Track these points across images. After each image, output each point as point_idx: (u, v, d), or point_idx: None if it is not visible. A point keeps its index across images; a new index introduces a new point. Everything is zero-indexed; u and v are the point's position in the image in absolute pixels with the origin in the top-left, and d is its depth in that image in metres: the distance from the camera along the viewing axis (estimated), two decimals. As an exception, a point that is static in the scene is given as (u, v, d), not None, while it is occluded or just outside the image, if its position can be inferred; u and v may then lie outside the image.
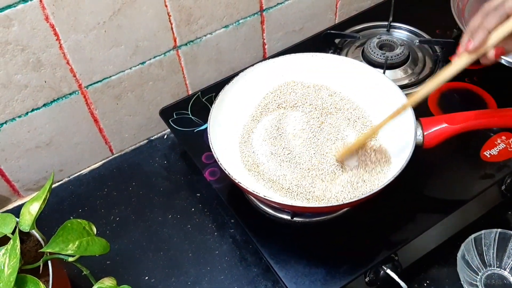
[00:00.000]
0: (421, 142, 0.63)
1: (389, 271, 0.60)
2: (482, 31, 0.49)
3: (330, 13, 0.94)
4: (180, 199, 0.78)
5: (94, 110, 0.76)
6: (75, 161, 0.81)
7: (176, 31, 0.75)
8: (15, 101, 0.68)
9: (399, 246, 0.62)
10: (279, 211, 0.66)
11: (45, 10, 0.62)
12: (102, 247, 0.55)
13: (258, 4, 0.82)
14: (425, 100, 0.76)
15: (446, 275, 0.67)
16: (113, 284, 0.56)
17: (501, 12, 0.49)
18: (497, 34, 0.49)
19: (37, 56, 0.65)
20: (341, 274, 0.60)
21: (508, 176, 0.69)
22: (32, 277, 0.51)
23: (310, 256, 0.62)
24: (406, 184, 0.65)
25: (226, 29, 0.81)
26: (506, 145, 0.70)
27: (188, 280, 0.69)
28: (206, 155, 0.73)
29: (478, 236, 0.67)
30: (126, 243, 0.73)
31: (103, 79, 0.74)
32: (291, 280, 0.60)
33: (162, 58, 0.77)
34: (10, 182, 0.77)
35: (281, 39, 0.90)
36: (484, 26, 0.49)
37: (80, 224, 0.56)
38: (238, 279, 0.68)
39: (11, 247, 0.51)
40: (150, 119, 0.84)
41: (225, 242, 0.72)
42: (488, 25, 0.49)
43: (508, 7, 0.49)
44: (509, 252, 0.67)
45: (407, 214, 0.65)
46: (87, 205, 0.78)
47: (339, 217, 0.66)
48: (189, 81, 0.84)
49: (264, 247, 0.63)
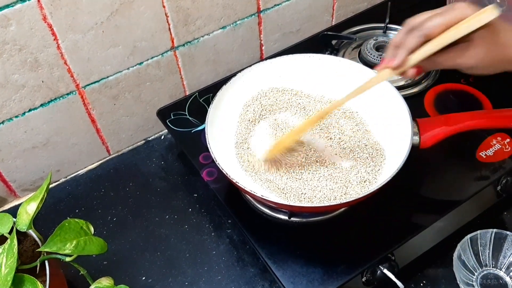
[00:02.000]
0: (417, 142, 0.63)
1: (386, 271, 0.61)
2: (403, 51, 0.53)
3: (327, 15, 0.94)
4: (177, 200, 0.78)
5: (92, 110, 0.76)
6: (72, 161, 0.81)
7: (174, 31, 0.76)
8: (12, 101, 0.68)
9: (396, 246, 0.62)
10: (276, 211, 0.66)
11: (43, 10, 0.62)
12: (99, 247, 0.55)
13: (255, 6, 0.82)
14: (421, 101, 0.78)
15: (443, 275, 0.68)
16: (111, 284, 0.56)
17: (420, 32, 0.52)
18: (416, 56, 0.52)
19: (34, 56, 0.65)
20: (338, 274, 0.60)
21: (503, 176, 0.70)
22: (29, 276, 0.51)
23: (307, 256, 0.62)
24: (402, 185, 0.65)
25: (223, 30, 0.81)
26: (502, 146, 0.71)
27: (185, 280, 0.69)
28: (203, 155, 0.74)
29: (474, 236, 0.67)
30: (123, 243, 0.73)
31: (101, 80, 0.74)
32: (288, 280, 0.60)
33: (159, 58, 0.77)
34: (7, 182, 0.77)
35: (278, 40, 0.91)
36: (405, 46, 0.53)
37: (77, 223, 0.56)
38: (235, 279, 0.68)
39: (9, 247, 0.51)
40: (148, 119, 0.84)
41: (222, 242, 0.72)
42: (409, 45, 0.52)
43: (426, 28, 0.51)
44: (504, 252, 0.67)
45: (404, 214, 0.66)
46: (84, 206, 0.78)
47: (336, 217, 0.66)
48: (187, 82, 0.84)
49: (261, 247, 0.63)
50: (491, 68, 0.54)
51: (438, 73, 0.82)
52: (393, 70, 0.54)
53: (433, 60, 0.53)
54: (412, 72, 0.54)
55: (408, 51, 0.53)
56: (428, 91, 0.79)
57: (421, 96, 0.79)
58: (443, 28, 0.51)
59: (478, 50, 0.52)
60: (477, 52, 0.52)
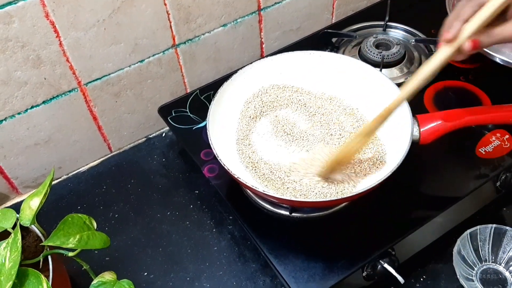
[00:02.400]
0: (417, 138, 0.63)
1: (386, 265, 0.61)
2: (457, 22, 0.51)
3: (327, 13, 0.95)
4: (178, 196, 0.78)
5: (93, 107, 0.77)
6: (74, 158, 0.81)
7: (175, 29, 0.76)
8: (14, 98, 0.68)
9: (396, 241, 0.63)
10: (277, 207, 0.67)
11: (45, 7, 0.62)
12: (102, 241, 0.56)
13: (256, 4, 0.82)
14: (420, 98, 0.78)
15: (443, 270, 0.68)
16: (113, 278, 0.57)
17: (475, 2, 0.50)
18: (471, 24, 0.50)
19: (37, 53, 0.65)
20: (339, 268, 0.61)
21: (503, 172, 0.70)
22: (33, 270, 0.52)
23: (308, 251, 0.63)
24: (402, 180, 0.66)
25: (224, 28, 0.82)
26: (501, 142, 0.71)
27: (187, 276, 0.69)
28: (204, 152, 0.74)
29: (474, 232, 0.67)
30: (125, 239, 0.74)
31: (103, 77, 0.74)
32: (289, 274, 0.61)
33: (161, 56, 0.78)
34: (9, 179, 0.77)
35: (279, 38, 0.91)
36: (459, 16, 0.51)
37: (80, 218, 0.56)
38: (237, 274, 0.69)
39: (12, 241, 0.51)
40: (149, 117, 0.85)
41: (224, 238, 0.73)
42: (463, 15, 0.51)
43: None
44: (504, 247, 0.68)
45: (404, 209, 0.66)
46: (85, 202, 0.79)
47: (337, 213, 0.66)
48: (188, 79, 0.85)
49: (262, 242, 0.64)
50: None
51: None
52: (449, 43, 0.51)
53: (490, 32, 0.51)
54: (468, 46, 0.50)
55: (463, 20, 0.50)
56: (427, 88, 0.80)
57: (421, 93, 0.79)
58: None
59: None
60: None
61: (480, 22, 0.50)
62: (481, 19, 0.50)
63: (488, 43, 0.51)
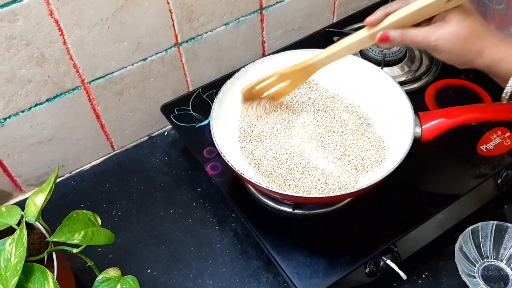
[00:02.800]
0: (419, 135, 0.64)
1: (389, 262, 0.62)
2: (381, 10, 0.55)
3: (328, 12, 0.95)
4: (181, 194, 0.79)
5: (96, 106, 0.77)
6: (77, 156, 0.82)
7: (178, 28, 0.77)
8: (18, 96, 0.68)
9: (398, 237, 0.63)
10: (280, 204, 0.67)
11: (49, 6, 0.63)
12: (107, 237, 0.56)
13: (258, 3, 0.83)
14: (421, 96, 0.79)
15: (445, 266, 0.69)
16: (118, 274, 0.57)
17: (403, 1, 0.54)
18: (392, 16, 0.54)
19: (41, 51, 0.66)
20: (341, 265, 0.61)
21: (504, 170, 0.71)
22: (39, 265, 0.52)
23: (311, 248, 0.63)
24: (405, 177, 0.67)
25: (226, 26, 0.82)
26: (502, 139, 0.72)
27: (190, 273, 0.70)
28: (207, 149, 0.74)
29: (475, 228, 0.68)
30: (128, 237, 0.74)
31: (106, 75, 0.75)
32: (293, 270, 0.61)
33: (163, 54, 0.78)
34: (12, 177, 0.78)
35: (280, 37, 0.92)
36: (385, 8, 0.54)
37: (85, 215, 0.57)
38: (240, 271, 0.69)
39: (18, 237, 0.52)
40: (152, 115, 0.85)
41: (226, 235, 0.73)
42: (389, 7, 0.54)
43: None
44: (505, 244, 0.68)
45: (405, 206, 0.67)
46: (89, 200, 0.79)
47: (339, 210, 0.67)
48: (190, 78, 0.85)
49: (266, 239, 0.64)
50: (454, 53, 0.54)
51: (438, 69, 0.83)
52: (368, 26, 0.56)
53: (405, 31, 0.54)
54: (379, 35, 0.55)
55: (386, 11, 0.54)
56: (428, 86, 0.80)
57: (422, 91, 0.80)
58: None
59: (448, 30, 0.52)
60: (445, 32, 0.52)
61: (398, 18, 0.53)
62: (400, 15, 0.53)
63: (399, 41, 0.54)
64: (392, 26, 0.54)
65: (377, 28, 0.55)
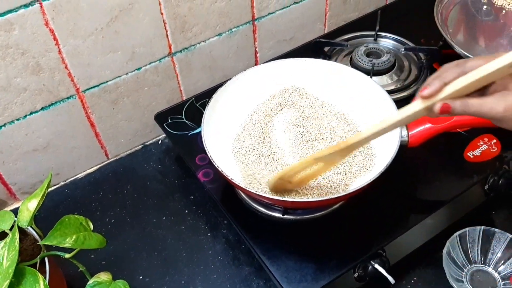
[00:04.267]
0: (406, 141, 0.65)
1: (377, 266, 0.62)
2: (438, 81, 0.50)
3: (320, 24, 0.97)
4: (174, 201, 0.80)
5: (91, 114, 0.79)
6: (72, 165, 0.83)
7: (171, 38, 0.78)
8: (14, 104, 0.70)
9: (386, 242, 0.64)
10: (270, 209, 0.68)
11: (45, 15, 0.64)
12: (98, 242, 0.57)
13: (250, 14, 0.85)
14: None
15: (433, 272, 0.69)
16: (109, 279, 0.58)
17: (460, 69, 0.50)
18: (451, 87, 0.49)
19: (36, 60, 0.67)
20: (330, 269, 0.62)
21: (490, 176, 0.72)
22: (30, 268, 0.53)
23: (301, 252, 0.64)
24: (392, 184, 0.68)
25: (219, 37, 0.84)
26: (489, 146, 0.73)
27: (182, 279, 0.70)
28: (199, 157, 0.76)
29: (463, 233, 0.69)
30: (121, 244, 0.75)
31: (100, 84, 0.76)
32: (282, 274, 0.62)
33: (157, 64, 0.80)
34: (7, 185, 0.79)
35: (273, 47, 0.93)
36: (441, 78, 0.50)
37: (77, 219, 0.58)
38: (231, 277, 0.70)
39: (10, 240, 0.52)
40: (146, 124, 0.86)
41: (218, 242, 0.74)
42: (445, 78, 0.50)
43: (468, 66, 0.49)
44: (493, 249, 0.69)
45: (394, 212, 0.68)
46: (82, 208, 0.80)
47: (328, 215, 0.68)
48: (184, 87, 0.86)
49: (255, 244, 0.65)
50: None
51: (426, 76, 0.84)
52: (424, 99, 0.50)
53: (466, 101, 0.49)
54: (438, 108, 0.49)
55: (443, 82, 0.49)
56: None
57: (411, 99, 0.81)
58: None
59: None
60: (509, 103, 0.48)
61: (459, 88, 0.49)
62: (461, 85, 0.49)
63: (460, 112, 0.50)
64: (449, 97, 0.49)
65: (434, 99, 0.49)
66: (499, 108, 0.48)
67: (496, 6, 0.93)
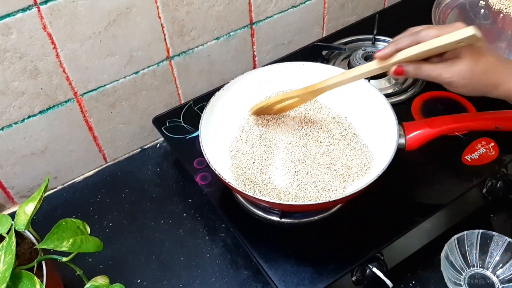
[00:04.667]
0: (403, 144, 0.65)
1: (375, 269, 0.62)
2: (391, 46, 0.57)
3: (318, 27, 0.97)
4: (172, 205, 0.80)
5: (89, 118, 0.79)
6: (69, 168, 0.83)
7: (169, 42, 0.78)
8: (12, 108, 0.70)
9: (384, 245, 0.64)
10: (268, 213, 0.68)
11: (43, 20, 0.64)
12: (95, 245, 0.57)
13: (248, 18, 0.85)
14: (408, 108, 0.80)
15: (431, 275, 0.69)
16: (106, 283, 0.58)
17: (413, 37, 0.56)
18: (402, 53, 0.56)
19: (34, 64, 0.67)
20: (328, 272, 0.62)
21: (488, 179, 0.72)
22: (27, 272, 0.53)
23: (298, 256, 0.64)
24: (390, 187, 0.68)
25: (217, 41, 0.84)
26: (486, 149, 0.73)
27: (180, 282, 0.70)
28: (197, 160, 0.76)
29: (461, 237, 0.69)
30: (119, 247, 0.74)
31: (98, 88, 0.76)
32: (279, 278, 0.62)
33: (155, 68, 0.80)
34: (5, 188, 0.78)
35: (271, 51, 0.94)
36: (396, 43, 0.57)
37: (74, 223, 0.57)
38: (229, 281, 0.70)
39: (7, 244, 0.52)
40: (144, 128, 0.86)
41: (216, 246, 0.74)
42: (399, 43, 0.57)
43: (421, 36, 0.56)
44: (491, 252, 0.69)
45: (392, 215, 0.68)
46: (80, 212, 0.80)
47: (326, 218, 0.68)
48: (182, 91, 0.87)
49: (253, 248, 0.65)
50: (469, 88, 0.57)
51: (424, 81, 0.84)
52: (379, 60, 0.58)
53: (419, 66, 0.56)
54: (393, 70, 0.57)
55: (397, 47, 0.56)
56: (415, 98, 0.82)
57: (408, 103, 0.82)
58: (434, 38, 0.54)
59: (461, 67, 0.55)
60: (459, 69, 0.55)
61: (409, 54, 0.55)
62: (411, 53, 0.55)
63: (413, 74, 0.57)
64: (402, 62, 0.57)
65: (389, 62, 0.57)
66: (446, 74, 0.55)
67: (493, 10, 0.93)
